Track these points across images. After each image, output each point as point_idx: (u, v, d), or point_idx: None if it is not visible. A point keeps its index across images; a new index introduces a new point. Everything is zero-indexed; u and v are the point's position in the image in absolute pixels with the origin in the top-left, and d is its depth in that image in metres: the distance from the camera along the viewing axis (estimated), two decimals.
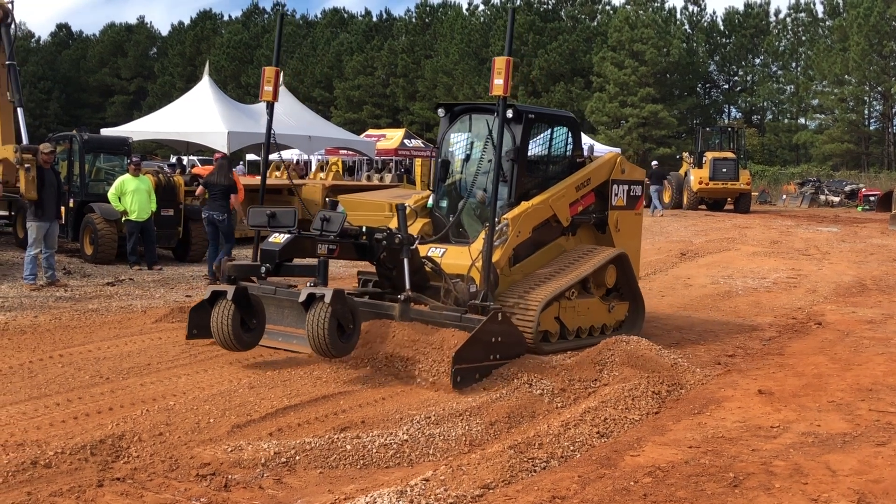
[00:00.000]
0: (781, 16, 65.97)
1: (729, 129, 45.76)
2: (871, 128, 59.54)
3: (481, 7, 73.90)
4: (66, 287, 13.80)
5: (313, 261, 9.01)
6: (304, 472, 6.31)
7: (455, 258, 10.04)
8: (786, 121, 64.76)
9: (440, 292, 9.61)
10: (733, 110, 68.66)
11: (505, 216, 10.23)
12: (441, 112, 11.50)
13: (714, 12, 69.06)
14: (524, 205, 10.41)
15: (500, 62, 9.13)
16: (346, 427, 7.20)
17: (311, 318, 7.88)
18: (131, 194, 15.51)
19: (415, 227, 10.72)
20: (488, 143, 10.54)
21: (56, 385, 8.08)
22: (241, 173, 31.99)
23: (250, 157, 46.37)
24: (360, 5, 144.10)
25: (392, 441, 6.96)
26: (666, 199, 39.71)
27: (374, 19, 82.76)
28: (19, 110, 14.15)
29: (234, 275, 8.70)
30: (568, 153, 11.58)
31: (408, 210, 10.58)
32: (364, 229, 9.25)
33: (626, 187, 11.78)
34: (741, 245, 23.66)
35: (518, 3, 69.70)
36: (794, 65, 64.55)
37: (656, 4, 62.08)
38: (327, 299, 7.81)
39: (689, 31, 66.58)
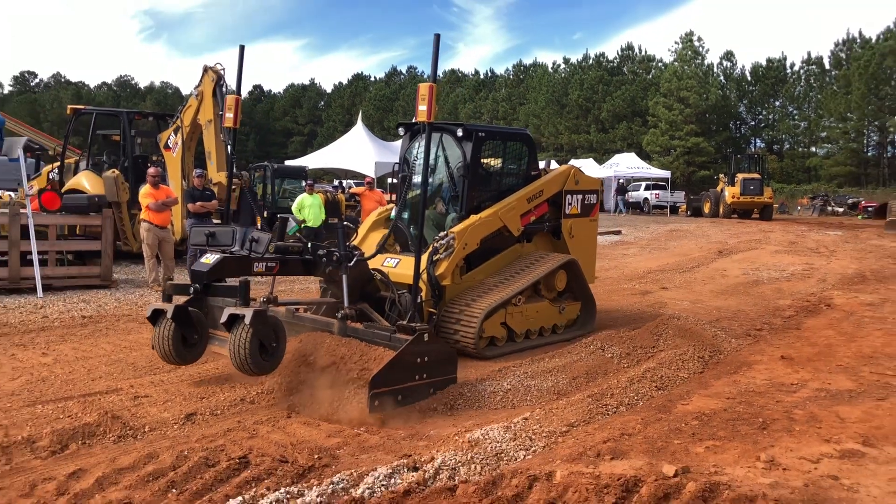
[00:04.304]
0: (796, 68, 63.56)
1: (755, 155, 44.51)
2: (869, 154, 56.95)
3: (562, 66, 73.31)
4: None
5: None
6: (434, 412, 6.41)
7: (407, 268, 8.19)
8: (800, 149, 62.37)
9: (386, 302, 8.02)
10: (758, 141, 66.36)
11: (452, 230, 8.61)
12: (401, 131, 9.57)
13: (743, 66, 66.83)
14: (472, 218, 8.77)
15: (423, 89, 6.90)
16: (464, 380, 7.29)
17: (233, 338, 6.22)
18: (308, 208, 15.88)
19: (374, 239, 9.13)
20: (438, 159, 9.13)
21: None
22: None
23: (390, 180, 46.96)
24: (470, 67, 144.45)
25: (499, 389, 7.01)
26: (706, 209, 39.26)
27: (482, 77, 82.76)
28: (228, 147, 14.58)
29: (172, 293, 7.10)
30: (523, 167, 9.70)
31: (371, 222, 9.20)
32: (309, 245, 7.48)
33: (580, 196, 9.96)
34: (765, 245, 22.94)
35: (591, 62, 68.92)
36: (806, 106, 62.09)
37: (698, 61, 60.38)
38: (247, 320, 6.12)
39: (723, 80, 64.60)
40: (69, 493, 4.45)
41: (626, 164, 46.16)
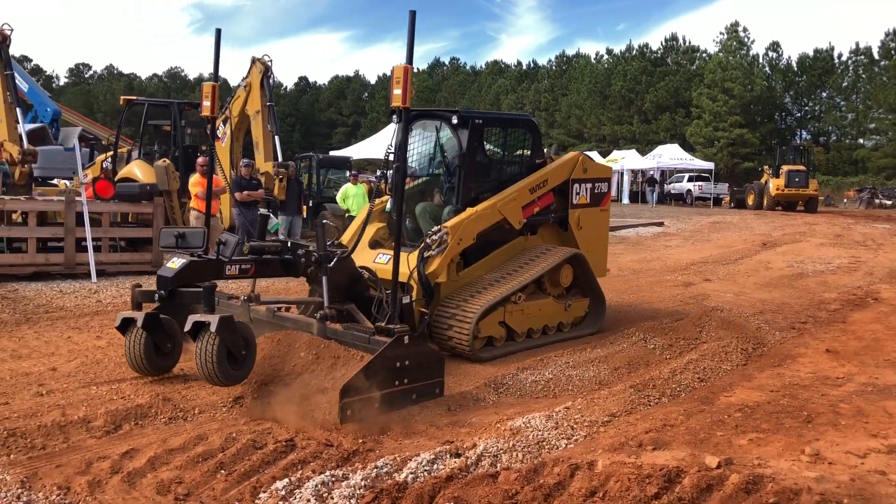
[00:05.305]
0: (844, 58, 62.18)
1: (801, 147, 43.68)
2: None
3: (605, 57, 72.61)
4: None
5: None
6: (476, 400, 6.40)
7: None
8: (847, 141, 61.14)
9: (373, 302, 7.19)
10: (804, 133, 65.15)
11: (445, 224, 7.89)
12: (395, 118, 8.61)
13: (789, 56, 65.45)
14: (468, 211, 8.03)
15: (398, 71, 6.15)
16: (504, 369, 7.28)
17: (199, 347, 5.71)
18: (352, 198, 15.99)
19: (369, 233, 8.42)
20: (435, 148, 8.57)
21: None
22: None
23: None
24: (513, 57, 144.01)
25: (540, 378, 6.99)
26: (749, 201, 38.67)
27: (524, 68, 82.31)
28: (276, 138, 14.72)
29: (141, 300, 6.49)
30: (526, 156, 8.92)
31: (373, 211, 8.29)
32: (289, 244, 6.88)
33: (588, 185, 9.20)
34: (810, 238, 22.48)
35: (634, 52, 68.12)
36: (854, 97, 60.75)
37: (743, 51, 59.38)
38: (213, 328, 5.61)
39: (768, 71, 63.40)
40: (123, 472, 4.55)
41: (669, 155, 45.65)
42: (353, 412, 5.46)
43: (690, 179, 45.11)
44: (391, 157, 6.88)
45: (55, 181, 17.39)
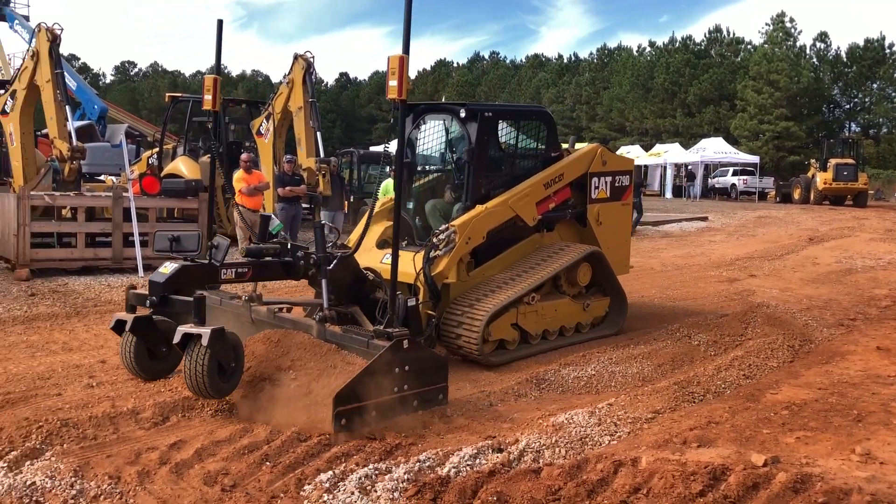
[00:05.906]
0: None
1: (849, 140, 42.72)
2: None
3: (647, 49, 71.74)
4: None
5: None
6: (518, 396, 6.40)
7: (404, 266, 6.83)
8: None
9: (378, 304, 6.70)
10: (853, 125, 63.60)
11: (453, 222, 7.52)
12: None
13: (838, 47, 63.63)
14: (478, 209, 7.64)
15: (393, 61, 5.66)
16: (546, 365, 7.27)
17: (188, 359, 5.34)
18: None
19: (376, 231, 8.10)
20: (444, 143, 8.27)
21: None
22: None
23: None
24: (554, 50, 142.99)
25: (583, 375, 6.97)
26: (796, 196, 37.96)
27: (565, 61, 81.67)
28: (318, 133, 14.84)
29: (135, 303, 6.07)
30: (541, 149, 8.50)
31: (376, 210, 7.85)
32: (289, 246, 6.52)
33: (608, 179, 8.77)
34: (860, 233, 21.99)
35: (677, 45, 67.23)
36: None
37: (789, 43, 58.17)
38: (205, 341, 5.24)
39: (816, 63, 62.01)
40: (171, 463, 4.64)
41: (713, 148, 45.05)
42: (347, 421, 5.14)
43: (735, 173, 44.43)
44: (396, 152, 6.61)
45: (102, 177, 17.75)
